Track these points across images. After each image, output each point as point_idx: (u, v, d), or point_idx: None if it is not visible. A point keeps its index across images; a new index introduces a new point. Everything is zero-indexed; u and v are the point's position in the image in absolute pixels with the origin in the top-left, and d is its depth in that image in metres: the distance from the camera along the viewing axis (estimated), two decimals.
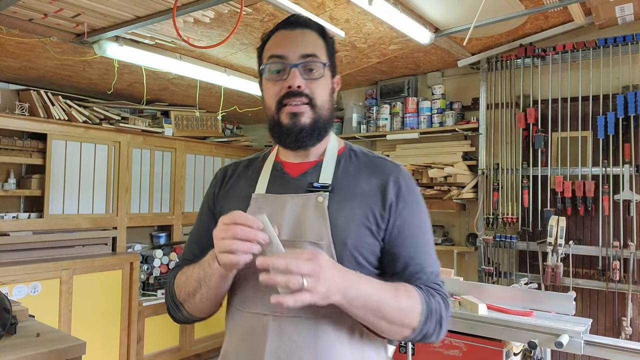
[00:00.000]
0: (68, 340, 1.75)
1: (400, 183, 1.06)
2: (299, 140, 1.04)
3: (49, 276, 3.24)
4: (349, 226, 1.00)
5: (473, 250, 3.71)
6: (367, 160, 1.11)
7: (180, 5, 2.28)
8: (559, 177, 3.26)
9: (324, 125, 1.07)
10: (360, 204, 1.02)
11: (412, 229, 1.04)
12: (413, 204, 1.06)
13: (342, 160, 1.10)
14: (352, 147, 1.15)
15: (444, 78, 4.00)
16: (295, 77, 1.02)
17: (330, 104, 1.09)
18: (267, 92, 1.08)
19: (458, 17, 2.86)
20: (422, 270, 1.03)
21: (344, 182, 1.06)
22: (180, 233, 4.38)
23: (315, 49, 1.06)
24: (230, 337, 1.07)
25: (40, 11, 2.35)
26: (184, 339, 4.14)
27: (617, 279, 2.99)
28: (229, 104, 4.09)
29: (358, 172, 1.08)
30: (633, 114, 3.02)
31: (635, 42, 3.04)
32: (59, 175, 3.52)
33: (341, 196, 1.03)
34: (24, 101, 3.45)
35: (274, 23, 2.68)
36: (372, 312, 0.93)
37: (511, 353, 2.27)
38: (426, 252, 1.06)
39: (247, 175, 1.17)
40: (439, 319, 1.01)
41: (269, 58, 1.07)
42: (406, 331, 0.98)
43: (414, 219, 1.05)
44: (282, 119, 1.04)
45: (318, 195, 1.03)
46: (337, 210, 1.01)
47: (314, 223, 1.00)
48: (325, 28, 1.11)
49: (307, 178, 1.07)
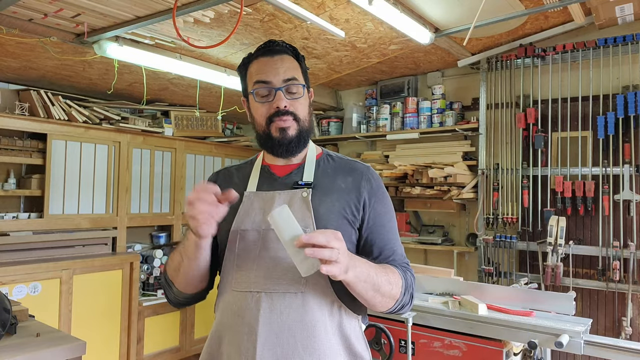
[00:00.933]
0: (68, 340, 1.75)
1: (371, 181, 1.27)
2: (289, 150, 1.25)
3: (49, 276, 3.24)
4: (329, 216, 1.19)
5: (473, 250, 3.71)
6: (342, 162, 1.31)
7: (180, 5, 2.28)
8: (559, 177, 3.26)
9: (307, 134, 1.27)
10: (339, 197, 1.22)
11: (383, 219, 1.25)
12: (383, 198, 1.27)
13: (321, 162, 1.30)
14: (329, 153, 1.36)
15: (444, 78, 4.00)
16: (281, 99, 1.22)
17: (310, 116, 1.30)
18: (256, 111, 1.26)
19: (458, 17, 2.86)
20: (395, 253, 1.25)
21: (323, 181, 1.25)
22: (180, 233, 4.38)
23: (294, 72, 1.25)
24: (222, 315, 1.20)
25: (40, 11, 2.35)
26: (184, 339, 4.14)
27: (617, 279, 2.99)
28: (229, 104, 4.09)
29: (335, 172, 1.28)
30: (633, 114, 3.02)
31: (635, 42, 3.05)
32: (59, 175, 3.52)
33: (322, 192, 1.23)
34: (24, 101, 3.45)
35: (274, 23, 2.70)
36: (372, 286, 1.11)
37: (511, 353, 2.27)
38: (395, 238, 1.27)
39: (238, 177, 1.35)
40: (412, 292, 1.23)
41: (255, 83, 1.25)
42: (391, 302, 1.18)
43: (384, 210, 1.26)
44: (272, 132, 1.24)
45: (303, 191, 1.22)
46: (319, 203, 1.20)
47: (299, 214, 1.17)
48: (297, 50, 1.32)
49: (292, 177, 1.27)
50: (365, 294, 1.11)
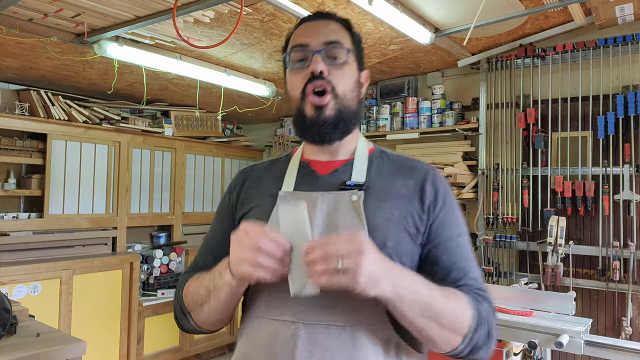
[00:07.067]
0: (68, 340, 1.75)
1: (437, 184, 1.00)
2: (321, 133, 0.99)
3: (49, 276, 3.24)
4: (387, 227, 0.93)
5: (473, 250, 3.71)
6: (400, 161, 1.06)
7: (180, 5, 2.28)
8: (559, 177, 3.26)
9: (349, 117, 1.00)
10: (398, 205, 0.96)
11: (451, 231, 0.98)
12: (452, 206, 1.01)
13: (374, 160, 1.05)
14: (382, 149, 1.10)
15: (444, 78, 3.99)
16: (317, 62, 0.97)
17: (356, 95, 1.03)
18: (291, 83, 1.03)
19: (458, 17, 2.86)
20: (466, 276, 0.95)
21: (378, 182, 0.99)
22: (180, 233, 4.38)
23: (338, 37, 1.01)
24: (247, 343, 0.97)
25: (40, 11, 2.35)
26: (184, 339, 4.14)
27: (617, 279, 2.99)
28: (229, 104, 4.09)
29: (392, 173, 1.02)
30: (633, 114, 3.02)
31: (635, 42, 3.04)
32: (59, 175, 3.52)
33: (376, 196, 0.97)
34: (24, 101, 3.45)
35: (274, 23, 2.70)
36: (423, 309, 0.84)
37: (511, 353, 2.27)
38: (467, 257, 0.98)
39: (270, 175, 1.09)
40: (488, 328, 0.91)
41: (291, 49, 1.03)
42: (456, 339, 0.88)
43: (453, 222, 0.99)
44: (306, 110, 0.99)
45: (352, 194, 0.95)
46: (373, 210, 0.94)
47: (348, 223, 0.92)
48: (350, 22, 1.07)
49: (338, 176, 1.01)
50: (416, 320, 0.85)
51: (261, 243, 0.81)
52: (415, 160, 1.07)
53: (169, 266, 4.16)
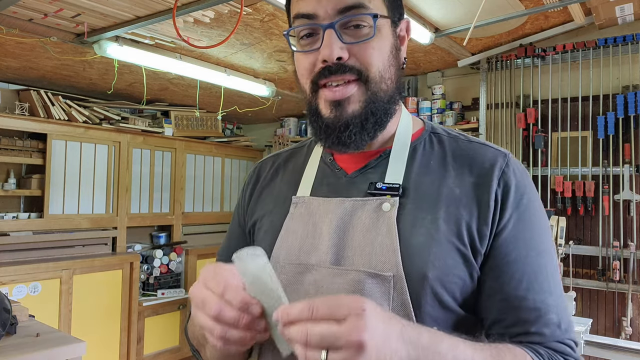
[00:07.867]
0: (68, 340, 1.75)
1: (508, 179, 0.71)
2: (341, 141, 0.72)
3: (49, 276, 3.24)
4: (429, 249, 0.67)
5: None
6: (458, 146, 0.76)
7: (180, 5, 2.28)
8: (559, 177, 3.26)
9: (383, 107, 0.73)
10: (448, 215, 0.69)
11: (525, 249, 0.69)
12: (527, 212, 0.70)
13: (420, 148, 0.77)
14: (435, 128, 0.80)
15: (444, 78, 3.99)
16: (330, 44, 0.69)
17: (394, 70, 0.74)
18: (298, 66, 0.76)
19: (458, 17, 2.86)
20: (541, 318, 0.67)
21: (421, 182, 0.73)
22: (180, 233, 4.38)
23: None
24: None
25: (40, 11, 2.35)
26: (184, 339, 4.13)
27: (617, 279, 2.99)
28: (229, 104, 4.09)
29: (443, 165, 0.74)
30: (633, 114, 3.02)
31: (635, 42, 3.04)
32: (59, 175, 3.52)
33: (417, 203, 0.71)
34: (24, 101, 3.45)
35: (274, 23, 2.70)
36: None
37: None
38: (545, 287, 0.69)
39: (287, 170, 0.86)
40: None
41: (294, 19, 0.74)
42: None
43: (527, 234, 0.70)
44: (320, 107, 0.74)
45: (383, 201, 0.71)
46: (411, 224, 0.69)
47: (377, 244, 0.68)
48: None
49: (368, 176, 0.76)
50: None
51: (219, 311, 0.58)
52: (482, 144, 0.76)
53: (169, 266, 4.16)
